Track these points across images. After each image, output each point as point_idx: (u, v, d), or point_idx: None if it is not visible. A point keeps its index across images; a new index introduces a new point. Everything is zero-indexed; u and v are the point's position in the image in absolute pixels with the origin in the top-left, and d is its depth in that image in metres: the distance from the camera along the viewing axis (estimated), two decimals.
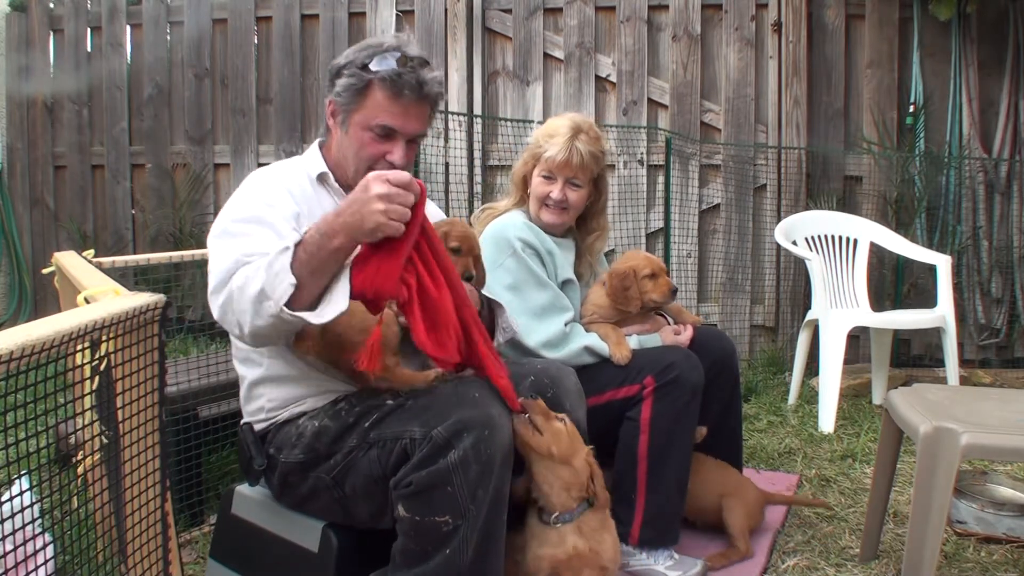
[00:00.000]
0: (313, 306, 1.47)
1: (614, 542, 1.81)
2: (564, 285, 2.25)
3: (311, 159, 1.84)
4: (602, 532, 1.78)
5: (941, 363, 3.70)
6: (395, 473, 1.56)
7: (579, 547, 1.73)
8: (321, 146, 1.86)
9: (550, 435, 1.69)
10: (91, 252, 2.27)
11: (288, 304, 1.44)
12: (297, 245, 1.46)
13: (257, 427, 1.78)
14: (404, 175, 1.48)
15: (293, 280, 1.44)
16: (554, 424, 1.71)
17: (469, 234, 1.85)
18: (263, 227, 1.61)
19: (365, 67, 1.69)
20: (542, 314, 2.14)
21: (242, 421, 1.83)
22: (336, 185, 1.80)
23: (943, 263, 3.61)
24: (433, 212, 2.00)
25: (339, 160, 1.80)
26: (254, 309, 1.47)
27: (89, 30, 5.24)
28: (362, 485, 1.63)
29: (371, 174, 1.47)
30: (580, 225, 2.37)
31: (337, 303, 1.46)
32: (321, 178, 1.80)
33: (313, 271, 1.46)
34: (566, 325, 2.16)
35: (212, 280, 1.58)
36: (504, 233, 2.21)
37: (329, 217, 1.47)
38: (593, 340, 2.17)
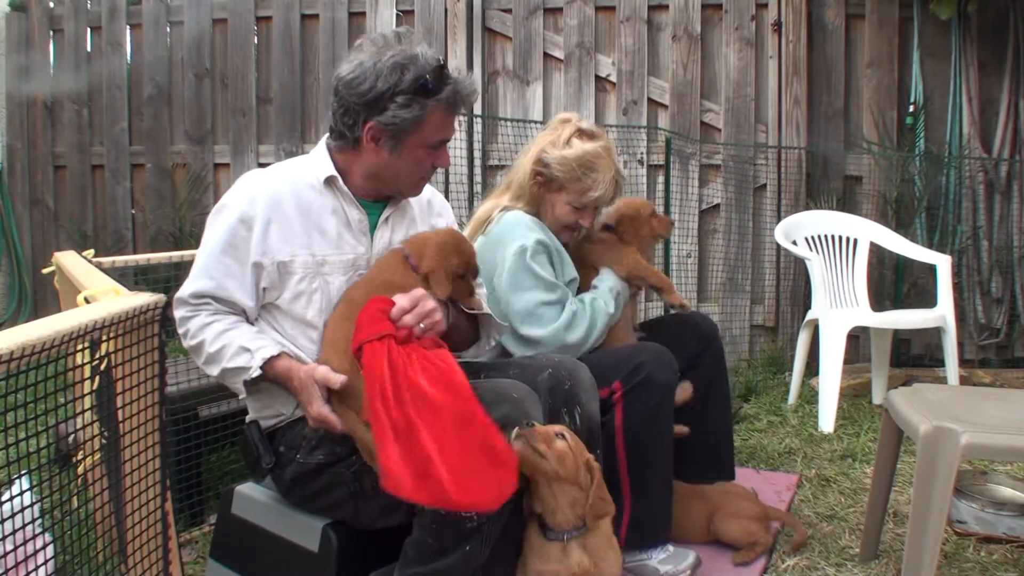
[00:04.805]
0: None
1: (617, 558, 1.77)
2: (571, 284, 2.26)
3: (318, 161, 1.79)
4: (607, 549, 1.74)
5: (941, 363, 3.70)
6: None
7: (583, 563, 1.69)
8: (330, 148, 1.81)
9: (554, 457, 1.65)
10: (91, 252, 2.27)
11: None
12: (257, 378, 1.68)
13: (264, 424, 1.78)
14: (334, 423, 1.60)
15: (244, 393, 1.72)
16: (557, 445, 1.66)
17: (466, 250, 1.82)
18: (233, 261, 1.77)
19: (420, 91, 1.67)
20: (536, 312, 2.14)
21: (247, 419, 1.82)
22: (345, 189, 1.78)
23: (943, 263, 3.61)
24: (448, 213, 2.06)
25: (377, 173, 1.77)
26: (207, 370, 1.79)
27: (89, 30, 5.23)
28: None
29: (313, 411, 1.61)
30: None
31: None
32: (329, 181, 1.77)
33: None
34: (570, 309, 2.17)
35: (192, 277, 1.84)
36: (513, 234, 2.20)
37: (289, 375, 1.66)
38: (600, 312, 2.19)
